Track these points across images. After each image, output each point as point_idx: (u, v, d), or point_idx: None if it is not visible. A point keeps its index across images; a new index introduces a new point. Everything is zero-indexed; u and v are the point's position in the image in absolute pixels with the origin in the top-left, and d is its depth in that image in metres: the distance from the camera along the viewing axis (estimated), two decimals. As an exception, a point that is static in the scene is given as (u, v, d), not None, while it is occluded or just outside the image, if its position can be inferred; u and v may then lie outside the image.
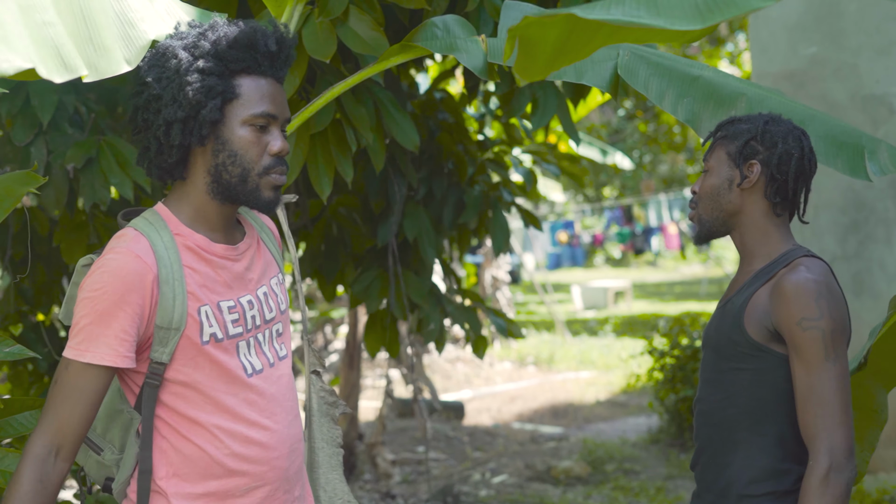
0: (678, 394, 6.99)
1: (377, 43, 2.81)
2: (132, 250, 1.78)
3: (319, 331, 10.55)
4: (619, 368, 10.79)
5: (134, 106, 1.85)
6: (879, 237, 5.16)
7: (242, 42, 1.82)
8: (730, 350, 2.20)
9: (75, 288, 1.94)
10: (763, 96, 2.41)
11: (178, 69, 1.80)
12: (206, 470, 1.84)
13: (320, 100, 2.63)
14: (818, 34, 5.33)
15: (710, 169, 2.25)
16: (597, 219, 24.58)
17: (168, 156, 1.84)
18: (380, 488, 6.30)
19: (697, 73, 2.43)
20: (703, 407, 2.29)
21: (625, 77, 2.40)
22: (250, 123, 1.84)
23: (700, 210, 2.27)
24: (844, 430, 2.05)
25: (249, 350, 1.90)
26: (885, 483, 5.08)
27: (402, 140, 3.50)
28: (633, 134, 18.82)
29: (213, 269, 1.87)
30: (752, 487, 2.16)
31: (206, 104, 1.80)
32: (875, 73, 5.13)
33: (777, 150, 2.18)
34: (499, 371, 11.37)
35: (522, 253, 15.25)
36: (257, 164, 1.85)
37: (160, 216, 1.87)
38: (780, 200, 2.21)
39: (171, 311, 1.79)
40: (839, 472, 2.03)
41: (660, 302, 18.24)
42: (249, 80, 1.84)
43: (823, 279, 2.11)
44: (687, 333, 7.35)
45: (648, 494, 5.93)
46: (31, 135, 3.13)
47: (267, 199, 1.87)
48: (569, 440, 7.65)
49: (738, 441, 2.19)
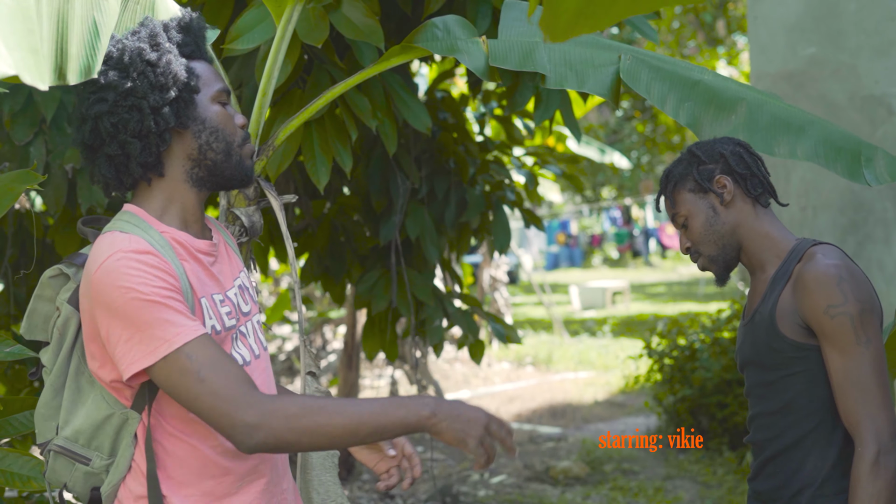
0: (676, 394, 7.00)
1: (370, 30, 2.79)
2: (138, 247, 1.73)
3: (318, 331, 10.54)
4: (617, 369, 10.79)
5: (95, 115, 1.80)
6: (878, 238, 5.17)
7: (183, 26, 1.89)
8: (774, 359, 2.17)
9: (38, 301, 1.90)
10: (762, 101, 2.42)
11: (146, 59, 1.80)
12: (202, 469, 1.82)
13: (323, 98, 2.62)
14: (817, 35, 5.33)
15: (687, 214, 2.26)
16: (595, 219, 24.60)
17: (159, 145, 1.82)
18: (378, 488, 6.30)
19: (698, 78, 2.44)
20: (761, 421, 2.24)
21: (627, 81, 2.40)
22: (217, 101, 1.88)
23: (704, 253, 2.27)
24: (888, 413, 2.03)
25: (237, 342, 1.90)
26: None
27: (414, 121, 3.49)
28: (632, 134, 18.83)
29: (200, 264, 1.86)
30: (828, 486, 2.13)
31: (191, 79, 1.84)
32: (874, 74, 5.13)
33: (725, 155, 2.23)
34: (497, 371, 11.36)
35: (519, 252, 15.24)
36: (235, 135, 1.90)
37: (139, 217, 1.83)
38: (761, 190, 2.24)
39: (188, 302, 1.77)
40: (888, 455, 2.01)
41: (658, 302, 18.24)
42: (198, 63, 1.89)
43: (842, 262, 2.10)
44: (685, 334, 7.35)
45: (647, 495, 5.93)
46: (31, 134, 3.13)
47: (249, 167, 1.93)
48: (567, 440, 7.65)
49: (806, 446, 2.16)
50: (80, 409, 1.83)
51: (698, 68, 2.50)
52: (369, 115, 3.23)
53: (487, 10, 3.20)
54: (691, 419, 6.96)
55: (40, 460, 2.30)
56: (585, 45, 2.49)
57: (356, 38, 2.80)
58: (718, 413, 6.67)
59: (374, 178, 4.29)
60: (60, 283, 1.89)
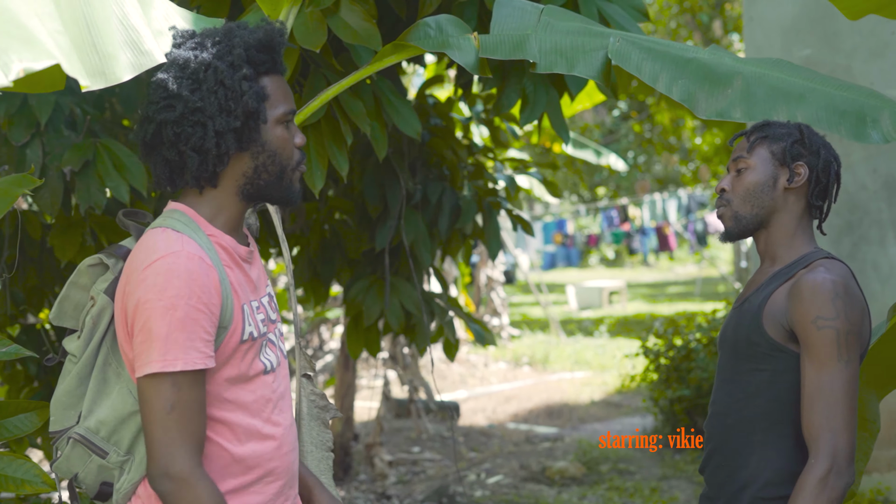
0: (673, 394, 7.01)
1: (368, 34, 2.79)
2: (191, 251, 1.76)
3: (315, 331, 10.54)
4: (613, 369, 10.80)
5: (160, 121, 1.81)
6: (873, 239, 5.18)
7: (265, 44, 1.86)
8: (748, 350, 2.19)
9: (73, 288, 1.93)
10: (760, 74, 2.30)
11: (220, 79, 1.80)
12: (225, 469, 1.84)
13: (318, 100, 2.63)
14: (813, 36, 5.34)
15: (750, 166, 2.24)
16: (592, 219, 24.60)
17: (216, 165, 1.84)
18: (375, 489, 6.31)
19: (691, 56, 2.36)
20: (718, 408, 2.26)
21: (617, 62, 2.34)
22: (281, 122, 1.88)
23: (735, 206, 2.25)
24: (849, 434, 2.04)
25: (266, 348, 1.92)
26: (880, 484, 5.09)
27: (404, 127, 3.48)
28: (628, 134, 18.85)
29: (241, 270, 1.89)
30: (768, 490, 2.14)
31: (259, 111, 1.83)
32: (869, 75, 5.14)
33: (821, 156, 2.22)
34: (494, 371, 11.37)
35: (516, 252, 15.26)
36: (292, 160, 1.90)
37: (190, 217, 1.85)
38: (820, 203, 2.25)
39: (227, 310, 1.80)
40: (839, 476, 2.01)
41: (654, 302, 18.26)
42: (270, 79, 1.88)
43: (842, 280, 2.12)
44: (681, 334, 7.37)
45: (643, 495, 5.94)
46: (28, 135, 3.13)
47: (297, 190, 1.94)
48: (563, 440, 7.66)
49: (754, 443, 2.17)
50: (105, 401, 1.85)
51: (691, 48, 2.43)
52: (364, 118, 3.23)
53: (473, 13, 3.20)
54: (687, 419, 6.97)
55: (35, 463, 2.30)
56: (578, 34, 2.45)
57: (354, 42, 2.80)
58: (714, 413, 6.66)
59: (371, 183, 4.29)
60: (98, 272, 1.92)
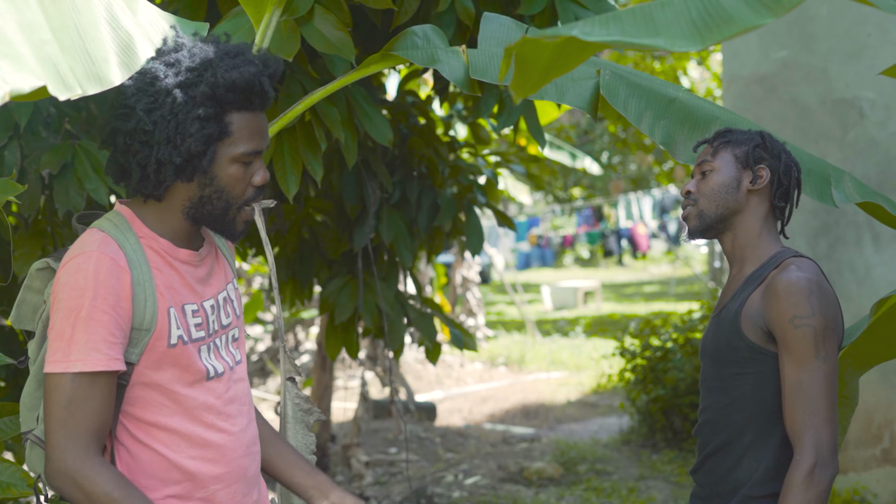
0: (649, 394, 7.04)
1: (342, 43, 2.79)
2: (105, 252, 1.76)
3: (290, 331, 10.51)
4: (589, 369, 10.83)
5: (114, 127, 1.80)
6: (850, 239, 5.22)
7: (240, 86, 1.79)
8: (730, 356, 2.24)
9: (28, 291, 1.93)
10: (735, 121, 2.51)
11: (175, 111, 1.77)
12: (165, 475, 1.84)
13: (295, 109, 2.61)
14: (789, 38, 5.37)
15: (714, 168, 2.31)
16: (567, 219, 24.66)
17: (155, 188, 1.82)
18: (352, 490, 6.29)
19: (673, 95, 2.54)
20: (707, 416, 2.32)
21: (606, 96, 2.47)
22: (239, 160, 1.84)
23: (701, 206, 2.32)
24: (831, 428, 2.11)
25: (209, 354, 1.91)
26: (856, 483, 5.13)
27: (376, 135, 3.48)
28: (603, 135, 18.90)
29: (177, 273, 1.87)
30: (758, 488, 2.20)
31: (206, 153, 1.80)
32: (845, 77, 5.18)
33: (783, 160, 2.31)
34: (469, 372, 11.37)
35: (491, 251, 15.27)
36: (241, 198, 1.87)
37: (124, 218, 1.85)
38: (782, 205, 2.32)
39: (144, 312, 1.79)
40: (824, 469, 2.09)
41: (629, 302, 18.33)
42: (240, 116, 1.83)
43: (815, 277, 2.17)
44: (657, 334, 7.39)
45: (621, 495, 5.96)
46: (6, 138, 3.09)
47: (239, 231, 1.91)
48: (541, 441, 7.67)
49: (745, 445, 2.23)
50: None
51: (672, 85, 2.61)
52: (339, 125, 3.24)
53: (451, 21, 3.21)
54: (664, 419, 7.01)
55: (18, 466, 2.28)
56: None
57: (327, 52, 2.79)
58: (691, 413, 6.71)
59: (348, 184, 4.29)
60: (48, 276, 1.91)
